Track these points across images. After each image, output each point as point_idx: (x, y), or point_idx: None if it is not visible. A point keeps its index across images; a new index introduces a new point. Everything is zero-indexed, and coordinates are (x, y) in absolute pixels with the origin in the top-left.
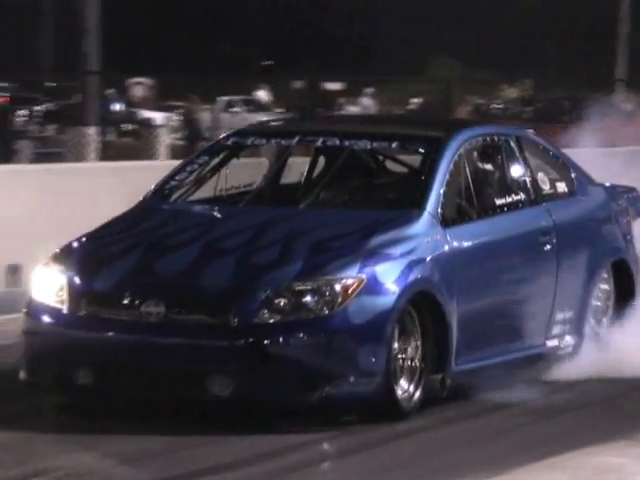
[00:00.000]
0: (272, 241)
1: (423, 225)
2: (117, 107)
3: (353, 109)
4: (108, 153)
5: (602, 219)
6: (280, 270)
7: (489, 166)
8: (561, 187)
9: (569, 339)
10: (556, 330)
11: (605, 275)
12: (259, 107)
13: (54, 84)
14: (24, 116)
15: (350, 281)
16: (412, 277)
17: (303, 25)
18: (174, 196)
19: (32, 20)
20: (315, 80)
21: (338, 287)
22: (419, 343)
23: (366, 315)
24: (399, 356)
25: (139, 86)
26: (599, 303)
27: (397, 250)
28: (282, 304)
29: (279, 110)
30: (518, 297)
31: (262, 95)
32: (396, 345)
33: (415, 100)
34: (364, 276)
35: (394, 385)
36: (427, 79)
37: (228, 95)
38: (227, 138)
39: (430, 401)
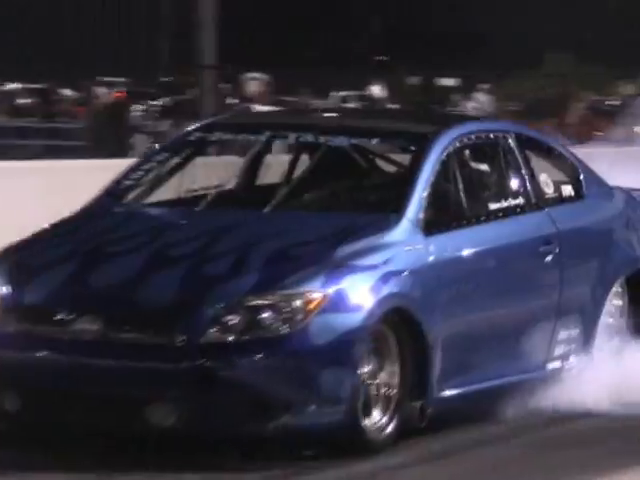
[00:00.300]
0: (227, 249)
1: (401, 232)
2: (231, 102)
3: (469, 105)
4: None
5: (615, 226)
6: (233, 282)
7: (483, 166)
8: (567, 190)
9: (574, 360)
10: (559, 350)
11: (618, 289)
12: (373, 103)
13: (170, 79)
14: (141, 111)
15: (313, 296)
16: (386, 292)
17: (417, 18)
18: (129, 197)
19: (151, 18)
20: (430, 76)
21: (298, 303)
22: (396, 367)
23: (330, 335)
24: (370, 382)
25: (254, 81)
26: (611, 320)
27: (369, 261)
28: (235, 321)
29: (393, 106)
30: (513, 314)
31: (376, 91)
32: (366, 369)
33: (532, 96)
34: (329, 290)
35: (363, 415)
36: (544, 75)
37: (342, 90)
38: (190, 133)
39: (408, 433)
